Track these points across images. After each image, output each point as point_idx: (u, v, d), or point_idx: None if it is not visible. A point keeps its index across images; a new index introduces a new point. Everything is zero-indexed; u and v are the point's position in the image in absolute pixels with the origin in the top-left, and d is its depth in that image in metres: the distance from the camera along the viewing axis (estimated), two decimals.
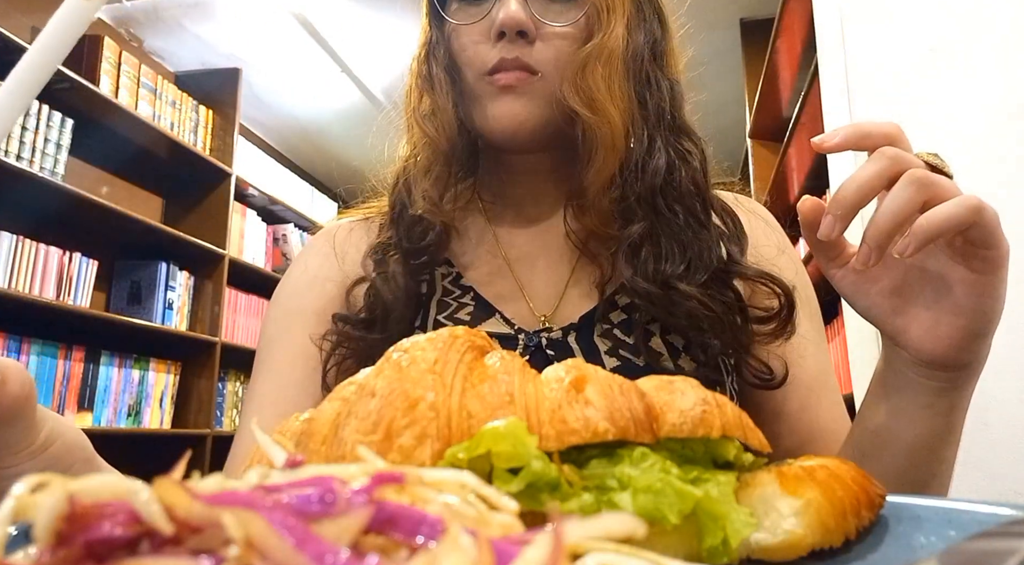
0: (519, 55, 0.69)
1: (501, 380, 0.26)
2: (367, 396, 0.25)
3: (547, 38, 0.70)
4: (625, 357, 0.69)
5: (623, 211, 0.71)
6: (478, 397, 0.25)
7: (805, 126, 2.33)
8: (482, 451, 0.23)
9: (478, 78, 0.71)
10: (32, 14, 2.85)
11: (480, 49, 0.71)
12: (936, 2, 1.70)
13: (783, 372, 0.70)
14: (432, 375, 0.25)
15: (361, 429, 0.25)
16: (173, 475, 0.17)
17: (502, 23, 0.68)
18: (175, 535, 0.16)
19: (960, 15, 1.68)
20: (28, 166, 2.68)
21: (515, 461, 0.23)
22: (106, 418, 3.07)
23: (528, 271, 0.77)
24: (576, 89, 0.69)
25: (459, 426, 0.24)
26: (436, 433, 0.24)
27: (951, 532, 0.29)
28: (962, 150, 1.64)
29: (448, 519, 0.17)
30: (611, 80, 0.70)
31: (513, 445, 0.23)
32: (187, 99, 3.64)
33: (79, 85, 2.83)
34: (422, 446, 0.24)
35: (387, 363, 0.26)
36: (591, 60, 0.69)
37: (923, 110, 1.67)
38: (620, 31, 0.71)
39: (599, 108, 0.69)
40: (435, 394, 0.25)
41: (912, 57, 1.69)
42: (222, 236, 3.64)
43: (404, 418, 0.24)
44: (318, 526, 0.16)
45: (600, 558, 0.17)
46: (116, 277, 3.39)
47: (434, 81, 0.74)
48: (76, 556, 0.16)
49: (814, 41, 1.83)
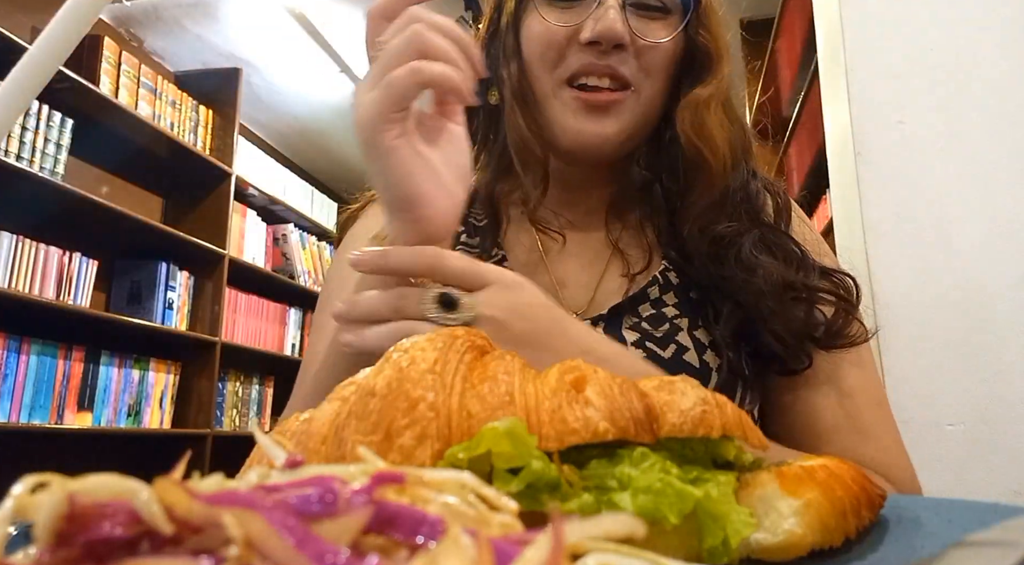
0: (612, 63, 0.69)
1: (501, 380, 0.26)
2: (367, 396, 0.25)
3: (640, 52, 0.70)
4: (651, 349, 0.69)
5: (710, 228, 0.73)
6: (478, 397, 0.25)
7: (805, 126, 2.33)
8: (482, 451, 0.23)
9: (558, 85, 0.71)
10: (32, 14, 2.85)
11: (565, 52, 0.70)
12: (936, 3, 1.71)
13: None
14: (432, 375, 0.25)
15: (361, 429, 0.25)
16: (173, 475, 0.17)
17: (600, 34, 0.67)
18: (175, 535, 0.16)
19: (960, 15, 1.68)
20: (28, 166, 2.68)
21: (515, 461, 0.23)
22: (106, 418, 3.07)
23: (562, 267, 0.77)
24: (695, 127, 0.71)
25: (459, 426, 0.24)
26: (436, 433, 0.24)
27: (951, 532, 0.29)
28: (961, 150, 1.64)
29: (448, 519, 0.17)
30: (722, 119, 0.73)
31: (513, 445, 0.23)
32: (187, 99, 3.64)
33: (79, 85, 2.83)
34: (422, 446, 0.24)
35: (387, 363, 0.26)
36: (712, 101, 0.71)
37: (922, 110, 1.67)
38: (726, 73, 0.74)
39: (716, 146, 0.71)
40: (435, 394, 0.25)
41: (912, 57, 1.69)
42: (222, 236, 3.64)
43: (404, 418, 0.24)
44: (318, 526, 0.16)
45: (600, 558, 0.17)
46: (116, 277, 3.38)
47: (524, 90, 0.73)
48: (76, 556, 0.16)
49: (814, 41, 1.83)
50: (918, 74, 1.68)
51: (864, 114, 1.69)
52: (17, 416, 2.70)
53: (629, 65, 0.69)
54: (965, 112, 1.63)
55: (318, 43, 3.68)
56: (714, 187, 0.72)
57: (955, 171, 1.62)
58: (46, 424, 2.81)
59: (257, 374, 4.08)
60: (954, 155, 1.63)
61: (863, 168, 1.68)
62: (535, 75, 0.72)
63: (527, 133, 0.72)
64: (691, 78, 0.74)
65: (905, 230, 1.62)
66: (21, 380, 2.72)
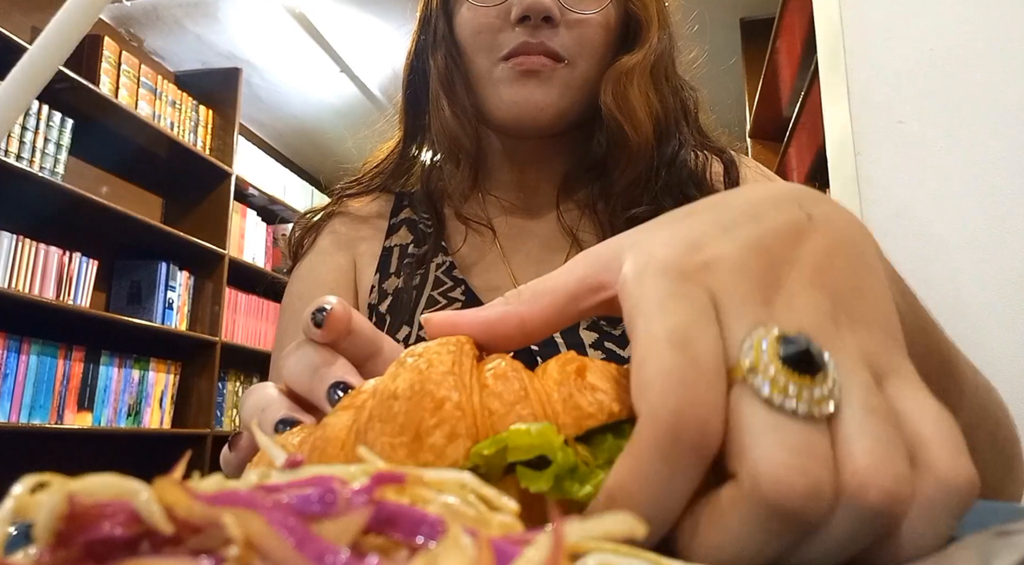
0: (544, 39, 0.67)
1: (512, 377, 0.26)
2: (389, 399, 0.25)
3: (571, 25, 0.69)
4: (610, 349, 0.68)
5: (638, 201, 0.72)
6: (495, 395, 0.26)
7: (805, 126, 2.33)
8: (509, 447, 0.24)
9: (494, 63, 0.70)
10: (32, 14, 2.85)
11: (498, 34, 0.69)
12: (936, 3, 1.71)
13: None
14: (452, 376, 0.25)
15: (387, 431, 0.25)
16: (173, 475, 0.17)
17: (528, 7, 0.66)
18: (175, 535, 0.16)
19: (960, 15, 1.68)
20: (28, 166, 2.68)
21: (536, 451, 0.24)
22: (106, 418, 3.07)
23: (522, 261, 0.76)
24: (617, 99, 0.69)
25: (483, 423, 0.25)
26: (466, 431, 0.24)
27: None
28: (961, 151, 1.64)
29: (448, 519, 0.17)
30: (648, 89, 0.71)
31: (540, 440, 0.24)
32: (187, 99, 3.64)
33: (79, 85, 2.83)
34: (453, 444, 0.24)
35: (402, 368, 0.26)
36: (635, 72, 0.69)
37: (922, 110, 1.67)
38: (655, 42, 0.71)
39: (638, 120, 0.69)
40: (458, 394, 0.25)
41: (912, 57, 1.69)
42: (222, 236, 3.64)
43: (432, 418, 0.24)
44: (318, 526, 0.16)
45: (600, 558, 0.17)
46: (116, 277, 3.39)
47: (452, 78, 0.72)
48: (76, 556, 0.16)
49: (814, 41, 1.83)
50: (918, 74, 1.68)
51: (864, 114, 1.69)
52: (17, 416, 2.70)
53: (562, 39, 0.68)
54: (965, 112, 1.63)
55: (318, 43, 3.68)
56: (635, 164, 0.70)
57: (955, 171, 1.62)
58: (46, 424, 2.81)
59: (257, 374, 4.08)
60: (954, 155, 1.63)
61: (863, 168, 1.68)
62: (470, 59, 0.71)
63: (453, 124, 0.71)
64: (624, 48, 0.72)
65: (905, 229, 1.62)
66: (21, 380, 2.72)
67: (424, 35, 0.76)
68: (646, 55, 0.70)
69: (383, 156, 0.83)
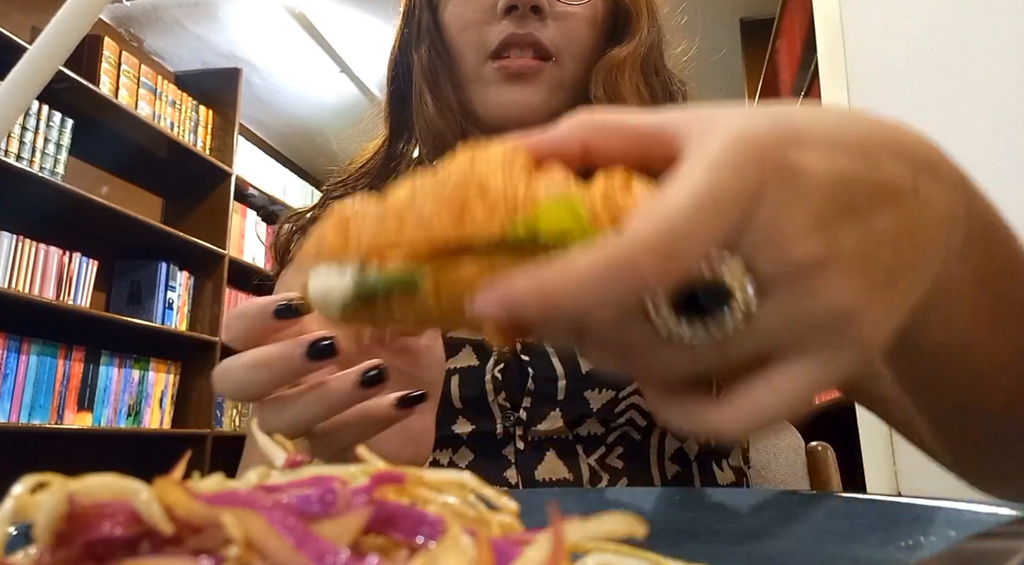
0: (531, 31, 0.66)
1: (557, 171, 0.27)
2: (442, 180, 0.27)
3: (559, 17, 0.68)
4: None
5: None
6: (541, 185, 0.27)
7: None
8: (540, 224, 0.25)
9: (482, 62, 0.68)
10: (32, 14, 2.85)
11: (485, 28, 0.67)
12: (936, 3, 1.70)
13: None
14: (502, 167, 0.27)
15: (437, 201, 0.27)
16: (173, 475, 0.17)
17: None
18: (175, 535, 0.16)
19: (960, 16, 1.68)
20: (28, 166, 2.68)
21: (565, 237, 0.25)
22: (106, 418, 3.07)
23: None
24: (608, 92, 0.68)
25: (525, 211, 0.26)
26: (505, 212, 0.26)
27: (951, 532, 0.29)
28: (961, 150, 1.63)
29: (448, 519, 0.17)
30: (639, 82, 0.70)
31: (571, 218, 0.25)
32: (187, 99, 3.64)
33: (79, 85, 2.83)
34: (492, 219, 0.26)
35: (457, 158, 0.28)
36: (626, 64, 0.68)
37: (922, 110, 1.67)
38: (645, 34, 0.70)
39: None
40: (505, 181, 0.27)
41: (912, 57, 1.69)
42: (222, 236, 3.64)
43: (477, 197, 0.26)
44: (318, 526, 0.16)
45: (600, 558, 0.17)
46: (116, 277, 3.38)
47: (436, 73, 0.71)
48: (76, 556, 0.16)
49: (814, 41, 1.83)
50: (918, 74, 1.68)
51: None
52: (17, 416, 2.70)
53: (549, 31, 0.67)
54: (965, 112, 1.63)
55: (318, 43, 3.68)
56: None
57: None
58: (46, 424, 2.81)
59: None
60: (954, 155, 1.63)
61: None
62: (458, 54, 0.70)
63: (437, 120, 0.70)
64: (613, 42, 0.71)
65: None
66: (21, 380, 2.72)
67: (408, 28, 0.75)
68: (636, 47, 0.69)
69: (369, 155, 0.82)
